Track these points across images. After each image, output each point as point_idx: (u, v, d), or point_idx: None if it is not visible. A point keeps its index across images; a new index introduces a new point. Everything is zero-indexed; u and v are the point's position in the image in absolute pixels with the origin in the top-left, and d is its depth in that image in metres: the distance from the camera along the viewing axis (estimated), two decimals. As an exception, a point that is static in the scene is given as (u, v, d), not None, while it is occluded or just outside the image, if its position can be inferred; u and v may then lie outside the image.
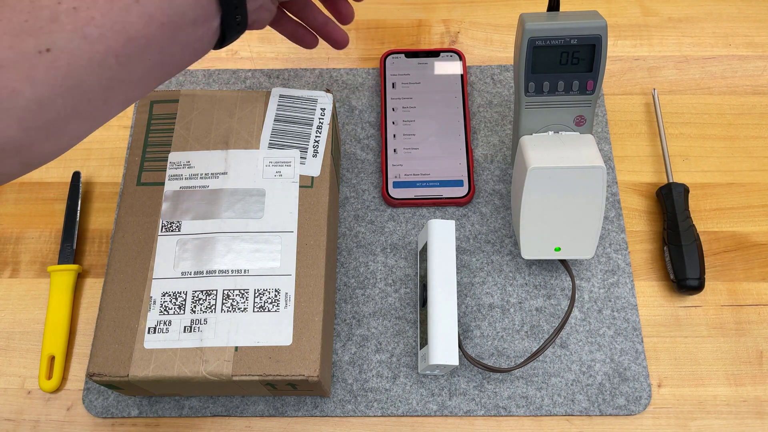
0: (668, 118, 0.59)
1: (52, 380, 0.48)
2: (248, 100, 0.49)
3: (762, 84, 0.60)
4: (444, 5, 0.65)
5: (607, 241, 0.53)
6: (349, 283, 0.52)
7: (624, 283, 0.52)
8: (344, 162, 0.57)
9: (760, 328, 0.50)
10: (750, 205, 0.55)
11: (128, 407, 0.48)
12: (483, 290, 0.51)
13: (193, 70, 0.61)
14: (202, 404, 0.48)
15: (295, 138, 0.48)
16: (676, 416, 0.48)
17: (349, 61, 0.62)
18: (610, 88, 0.60)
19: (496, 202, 0.55)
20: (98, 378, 0.41)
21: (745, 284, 0.52)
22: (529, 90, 0.46)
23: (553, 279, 0.52)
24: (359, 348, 0.49)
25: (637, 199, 0.56)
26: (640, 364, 0.49)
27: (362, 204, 0.55)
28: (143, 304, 0.43)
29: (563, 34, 0.44)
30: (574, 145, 0.47)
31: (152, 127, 0.49)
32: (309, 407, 0.48)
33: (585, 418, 0.48)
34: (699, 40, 0.63)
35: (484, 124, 0.58)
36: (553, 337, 0.46)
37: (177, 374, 0.41)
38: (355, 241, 0.53)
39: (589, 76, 0.46)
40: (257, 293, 0.43)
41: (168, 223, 0.45)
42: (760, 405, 0.48)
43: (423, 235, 0.49)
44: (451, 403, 0.48)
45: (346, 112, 0.59)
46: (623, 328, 0.50)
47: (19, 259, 0.54)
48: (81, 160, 0.57)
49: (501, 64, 0.61)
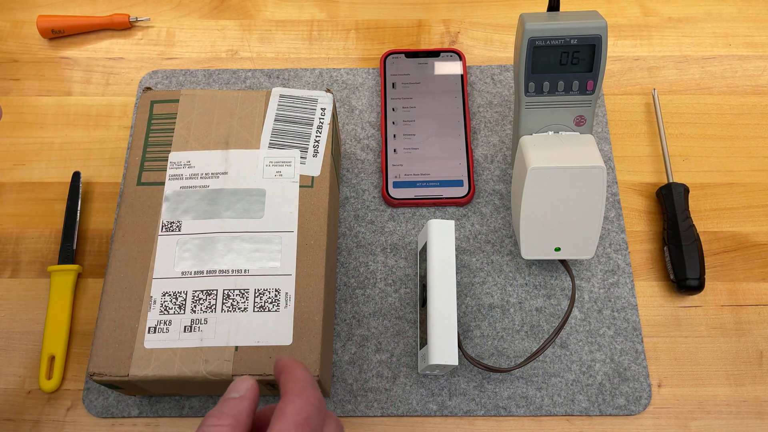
0: (668, 118, 0.59)
1: (52, 380, 0.48)
2: (248, 100, 0.49)
3: (762, 84, 0.60)
4: (444, 5, 0.65)
5: (607, 241, 0.53)
6: (349, 283, 0.52)
7: (624, 283, 0.52)
8: (344, 162, 0.57)
9: (760, 328, 0.50)
10: (750, 205, 0.55)
11: (128, 407, 0.48)
12: (483, 290, 0.51)
13: (193, 70, 0.61)
14: (202, 404, 0.48)
15: (295, 138, 0.48)
16: (676, 416, 0.48)
17: (349, 61, 0.62)
18: (610, 88, 0.60)
19: (496, 202, 0.55)
20: (98, 378, 0.41)
21: (745, 284, 0.52)
22: (529, 90, 0.46)
23: (553, 279, 0.52)
24: (359, 348, 0.49)
25: (637, 199, 0.56)
26: (640, 364, 0.49)
27: (362, 204, 0.55)
28: (143, 304, 0.43)
29: (563, 34, 0.44)
30: (574, 145, 0.47)
31: (152, 126, 0.49)
32: (309, 407, 0.48)
33: (585, 418, 0.48)
34: (699, 40, 0.63)
35: (484, 124, 0.58)
36: (553, 337, 0.46)
37: (177, 374, 0.41)
38: (355, 241, 0.53)
39: (589, 76, 0.46)
40: (257, 293, 0.43)
41: (168, 223, 0.45)
42: (760, 405, 0.48)
43: (423, 235, 0.49)
44: (451, 403, 0.48)
45: (346, 112, 0.59)
46: (623, 328, 0.50)
47: (19, 259, 0.54)
48: (81, 160, 0.57)
49: (501, 64, 0.61)
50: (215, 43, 0.63)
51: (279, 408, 0.30)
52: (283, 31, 0.64)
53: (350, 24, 0.64)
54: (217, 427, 0.30)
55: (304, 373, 0.32)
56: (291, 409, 0.30)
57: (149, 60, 0.62)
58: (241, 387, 0.32)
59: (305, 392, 0.31)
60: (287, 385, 0.32)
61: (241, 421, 0.31)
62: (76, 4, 0.65)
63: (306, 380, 0.32)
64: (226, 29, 0.64)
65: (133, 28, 0.64)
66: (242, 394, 0.32)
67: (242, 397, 0.32)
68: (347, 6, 0.65)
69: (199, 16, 0.65)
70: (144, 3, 0.65)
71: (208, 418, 0.31)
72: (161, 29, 0.64)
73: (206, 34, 0.64)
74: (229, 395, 0.32)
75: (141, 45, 0.63)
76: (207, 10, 0.65)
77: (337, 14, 0.65)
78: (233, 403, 0.31)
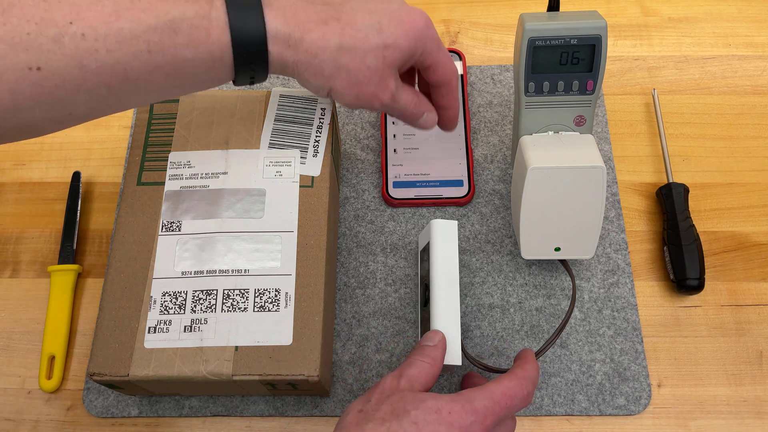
0: (668, 118, 0.59)
1: (52, 380, 0.48)
2: (248, 100, 0.49)
3: (762, 84, 0.60)
4: (444, 5, 0.65)
5: (607, 241, 0.53)
6: (349, 283, 0.52)
7: (624, 283, 0.52)
8: (344, 162, 0.57)
9: (760, 328, 0.50)
10: (750, 205, 0.55)
11: (128, 407, 0.48)
12: (483, 290, 0.51)
13: (193, 70, 0.61)
14: (202, 404, 0.48)
15: (295, 138, 0.48)
16: (676, 416, 0.48)
17: (349, 61, 0.62)
18: (610, 88, 0.60)
19: (496, 202, 0.55)
20: (98, 377, 0.41)
21: (745, 284, 0.52)
22: (529, 90, 0.46)
23: (553, 279, 0.52)
24: (359, 348, 0.49)
25: (637, 199, 0.56)
26: (640, 364, 0.49)
27: (362, 204, 0.55)
28: (143, 304, 0.43)
29: (563, 34, 0.44)
30: (574, 145, 0.47)
31: (152, 126, 0.49)
32: (309, 407, 0.48)
33: (585, 418, 0.48)
34: (699, 40, 0.63)
35: (484, 124, 0.58)
36: (553, 339, 0.46)
37: (177, 374, 0.41)
38: (355, 241, 0.53)
39: (589, 76, 0.46)
40: (257, 293, 0.43)
41: (168, 223, 0.45)
42: (760, 405, 0.48)
43: (425, 234, 0.49)
44: (451, 403, 0.48)
45: (346, 112, 0.59)
46: (623, 328, 0.50)
47: (19, 259, 0.54)
48: (81, 160, 0.57)
49: (501, 64, 0.61)
50: (215, 43, 0.63)
51: (499, 378, 0.38)
52: (283, 31, 0.64)
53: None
54: (422, 362, 0.39)
55: (533, 371, 0.39)
56: (507, 382, 0.37)
57: (149, 60, 0.62)
58: (435, 337, 0.41)
59: (524, 382, 0.38)
60: (517, 369, 0.39)
61: (436, 363, 0.39)
62: (76, 4, 0.65)
63: (532, 377, 0.39)
64: (226, 29, 0.64)
65: (133, 28, 0.64)
66: (435, 344, 0.40)
67: (435, 345, 0.40)
68: (347, 6, 0.65)
69: (199, 16, 0.65)
70: (144, 3, 0.65)
71: (413, 356, 0.39)
72: (161, 29, 0.64)
73: (206, 34, 0.64)
74: (424, 343, 0.41)
75: (141, 45, 0.63)
76: (207, 10, 0.65)
77: (337, 14, 0.65)
78: (430, 349, 0.40)
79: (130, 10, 0.33)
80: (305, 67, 0.38)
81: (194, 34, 0.34)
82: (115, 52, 0.33)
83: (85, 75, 0.32)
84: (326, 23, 0.37)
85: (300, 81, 0.40)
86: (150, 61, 0.34)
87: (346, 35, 0.38)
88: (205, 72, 0.36)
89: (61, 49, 0.31)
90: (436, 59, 0.42)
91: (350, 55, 0.38)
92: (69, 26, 0.31)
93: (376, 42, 0.38)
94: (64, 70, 0.32)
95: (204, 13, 0.35)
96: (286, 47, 0.37)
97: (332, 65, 0.38)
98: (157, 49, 0.33)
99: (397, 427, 0.34)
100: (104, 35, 0.32)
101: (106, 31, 0.32)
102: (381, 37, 0.38)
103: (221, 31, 0.35)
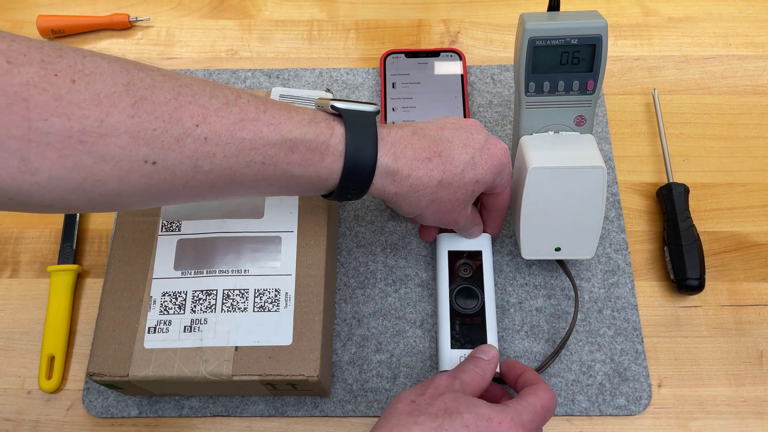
0: (668, 118, 0.59)
1: (52, 380, 0.48)
2: (248, 100, 0.49)
3: (762, 84, 0.60)
4: (444, 5, 0.65)
5: (607, 241, 0.53)
6: (349, 283, 0.52)
7: (624, 283, 0.52)
8: (344, 162, 0.57)
9: (760, 328, 0.50)
10: (750, 205, 0.55)
11: (128, 407, 0.48)
12: (483, 290, 0.51)
13: (193, 70, 0.61)
14: (202, 404, 0.48)
15: (295, 138, 0.48)
16: (676, 416, 0.48)
17: (349, 61, 0.62)
18: (610, 88, 0.60)
19: (496, 202, 0.55)
20: (98, 378, 0.41)
21: (745, 284, 0.52)
22: (529, 90, 0.46)
23: (553, 279, 0.52)
24: (359, 348, 0.49)
25: (637, 199, 0.56)
26: (640, 364, 0.49)
27: (362, 204, 0.55)
28: (143, 304, 0.43)
29: (563, 34, 0.44)
30: (574, 145, 0.47)
31: (152, 127, 0.48)
32: (309, 407, 0.48)
33: (585, 418, 0.48)
34: (699, 40, 0.63)
35: (485, 124, 0.58)
36: (559, 350, 0.47)
37: (177, 374, 0.41)
38: (355, 241, 0.53)
39: (590, 76, 0.46)
40: (257, 293, 0.43)
41: (168, 223, 0.45)
42: (760, 405, 0.48)
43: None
44: (451, 403, 0.48)
45: (346, 112, 0.59)
46: (623, 328, 0.50)
47: (19, 259, 0.54)
48: (81, 160, 0.57)
49: (501, 64, 0.61)
50: (215, 42, 0.63)
51: (534, 390, 0.39)
52: (283, 30, 0.64)
53: (350, 24, 0.64)
54: (475, 372, 0.40)
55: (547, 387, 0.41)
56: (543, 395, 0.39)
57: (149, 60, 0.62)
58: (489, 353, 0.43)
59: (554, 395, 0.40)
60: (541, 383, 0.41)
61: (486, 377, 0.41)
62: (76, 4, 0.65)
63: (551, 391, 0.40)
64: (226, 29, 0.64)
65: (133, 28, 0.64)
66: (489, 359, 0.42)
67: (489, 360, 0.42)
68: (347, 6, 0.65)
69: (199, 16, 0.65)
70: (144, 3, 0.65)
71: (468, 364, 0.41)
72: (161, 29, 0.64)
73: (206, 33, 0.64)
74: (479, 355, 0.42)
75: (141, 45, 0.63)
76: (207, 9, 0.65)
77: (337, 14, 0.65)
78: (484, 363, 0.42)
79: (255, 122, 0.34)
80: (404, 198, 0.40)
81: (309, 155, 0.36)
82: (231, 159, 0.33)
83: (196, 174, 0.33)
84: (430, 160, 0.39)
85: (393, 207, 0.42)
86: (260, 172, 0.35)
87: (447, 171, 0.40)
88: (308, 188, 0.38)
89: (180, 149, 0.32)
90: (504, 189, 0.45)
91: (446, 190, 0.41)
92: (194, 128, 0.32)
93: (470, 177, 0.41)
94: (177, 168, 0.32)
95: (324, 139, 0.36)
96: (391, 181, 0.39)
97: (430, 198, 0.40)
98: (270, 162, 0.35)
99: (448, 425, 0.35)
100: (225, 142, 0.33)
101: (228, 138, 0.33)
102: (474, 173, 0.41)
103: (335, 159, 0.36)
